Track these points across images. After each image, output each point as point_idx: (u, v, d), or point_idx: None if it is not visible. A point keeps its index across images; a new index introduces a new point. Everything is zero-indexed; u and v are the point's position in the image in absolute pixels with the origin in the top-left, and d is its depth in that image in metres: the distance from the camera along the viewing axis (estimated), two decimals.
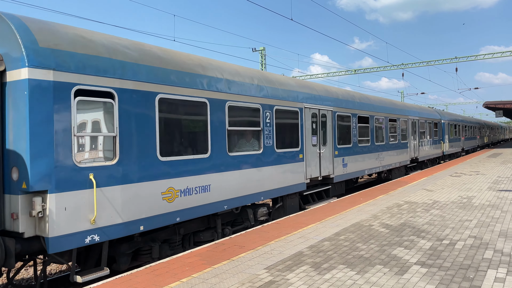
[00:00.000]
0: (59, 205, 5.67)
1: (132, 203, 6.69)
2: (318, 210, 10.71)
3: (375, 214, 9.88)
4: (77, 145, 5.98)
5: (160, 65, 7.43)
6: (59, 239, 5.67)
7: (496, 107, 42.80)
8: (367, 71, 40.73)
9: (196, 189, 7.98)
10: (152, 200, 7.04)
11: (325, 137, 12.93)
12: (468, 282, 5.27)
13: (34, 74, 5.51)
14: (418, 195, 12.67)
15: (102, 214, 6.25)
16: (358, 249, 6.92)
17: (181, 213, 7.64)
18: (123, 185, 6.55)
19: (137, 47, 7.35)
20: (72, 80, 5.95)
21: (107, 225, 6.32)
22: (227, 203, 8.77)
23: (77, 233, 5.89)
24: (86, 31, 6.71)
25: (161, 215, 7.20)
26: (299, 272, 5.85)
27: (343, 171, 13.97)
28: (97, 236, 6.15)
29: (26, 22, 5.81)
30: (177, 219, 7.52)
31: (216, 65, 9.08)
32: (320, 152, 12.56)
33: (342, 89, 16.23)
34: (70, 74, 5.92)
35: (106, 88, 6.38)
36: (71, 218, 5.81)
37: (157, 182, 7.13)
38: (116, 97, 6.50)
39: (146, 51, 7.45)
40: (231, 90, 9.02)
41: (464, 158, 29.05)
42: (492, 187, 14.09)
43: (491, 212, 9.75)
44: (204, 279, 5.68)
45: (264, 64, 34.14)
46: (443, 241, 7.28)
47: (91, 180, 6.07)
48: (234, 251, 7.03)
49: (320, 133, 12.66)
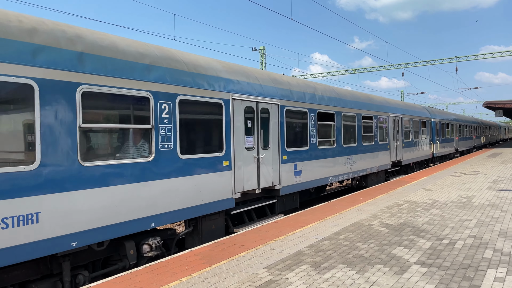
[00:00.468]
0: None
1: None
2: (317, 209, 10.70)
3: (375, 214, 9.88)
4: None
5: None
6: None
7: (496, 107, 42.80)
8: (367, 71, 40.78)
9: (14, 219, 5.24)
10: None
11: (267, 138, 10.28)
12: (468, 282, 5.27)
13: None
14: (418, 195, 12.67)
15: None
16: (358, 249, 6.92)
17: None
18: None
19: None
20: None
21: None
22: (78, 237, 5.96)
23: None
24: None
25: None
26: (299, 271, 5.86)
27: (294, 181, 11.33)
28: None
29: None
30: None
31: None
32: (258, 157, 9.91)
33: (300, 79, 13.70)
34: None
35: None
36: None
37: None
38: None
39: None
40: (86, 68, 6.17)
41: (458, 160, 29.01)
42: (492, 186, 14.09)
43: (491, 212, 9.75)
44: (204, 278, 5.68)
45: (264, 64, 34.14)
46: (443, 241, 7.28)
47: None
48: (234, 250, 7.03)
49: (260, 132, 10.02)
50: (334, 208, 10.76)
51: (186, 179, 7.88)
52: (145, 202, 7.02)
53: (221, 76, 9.00)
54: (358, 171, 15.54)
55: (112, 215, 6.46)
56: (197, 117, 8.29)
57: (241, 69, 10.16)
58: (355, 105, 15.59)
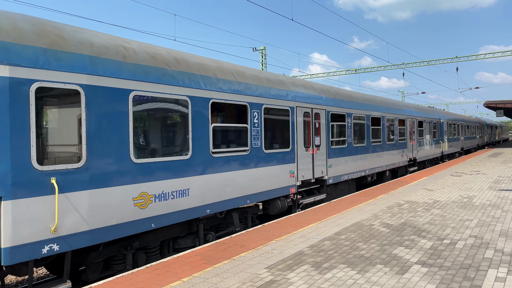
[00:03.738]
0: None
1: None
2: (318, 209, 10.71)
3: (376, 214, 9.88)
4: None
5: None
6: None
7: (496, 107, 42.77)
8: (368, 71, 40.73)
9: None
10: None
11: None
12: (469, 282, 5.27)
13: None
14: (418, 195, 12.67)
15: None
16: (359, 249, 6.92)
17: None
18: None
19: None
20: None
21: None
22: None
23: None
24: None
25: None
26: (299, 271, 5.86)
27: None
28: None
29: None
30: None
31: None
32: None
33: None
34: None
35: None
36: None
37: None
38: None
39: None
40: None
41: (459, 160, 28.99)
42: (492, 186, 14.08)
43: (491, 212, 9.75)
44: (205, 278, 5.68)
45: (265, 64, 34.13)
46: (444, 241, 7.28)
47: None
48: (234, 251, 7.04)
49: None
50: (335, 208, 10.76)
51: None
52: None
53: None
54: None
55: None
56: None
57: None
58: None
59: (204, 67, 8.61)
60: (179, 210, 7.55)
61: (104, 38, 6.80)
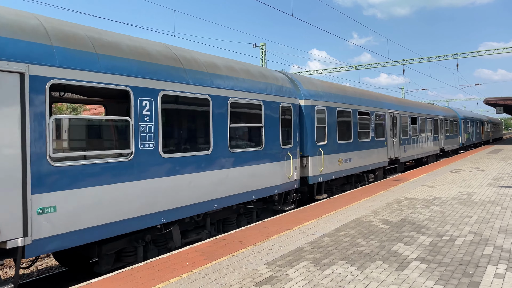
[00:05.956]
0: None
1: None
2: (318, 206, 10.72)
3: (375, 210, 9.90)
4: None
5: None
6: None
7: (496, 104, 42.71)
8: (368, 67, 40.65)
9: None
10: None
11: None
12: (468, 278, 5.28)
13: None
14: (418, 191, 12.68)
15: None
16: (358, 245, 6.94)
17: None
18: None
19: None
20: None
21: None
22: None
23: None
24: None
25: None
26: (299, 267, 5.87)
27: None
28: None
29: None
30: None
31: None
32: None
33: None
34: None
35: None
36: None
37: None
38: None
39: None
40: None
41: (458, 157, 28.98)
42: (492, 183, 14.10)
43: (491, 209, 9.76)
44: (205, 274, 5.70)
45: (265, 60, 34.07)
46: (443, 237, 7.30)
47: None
48: (234, 247, 7.05)
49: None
50: (335, 205, 10.77)
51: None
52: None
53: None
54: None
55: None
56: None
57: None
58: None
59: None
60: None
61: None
